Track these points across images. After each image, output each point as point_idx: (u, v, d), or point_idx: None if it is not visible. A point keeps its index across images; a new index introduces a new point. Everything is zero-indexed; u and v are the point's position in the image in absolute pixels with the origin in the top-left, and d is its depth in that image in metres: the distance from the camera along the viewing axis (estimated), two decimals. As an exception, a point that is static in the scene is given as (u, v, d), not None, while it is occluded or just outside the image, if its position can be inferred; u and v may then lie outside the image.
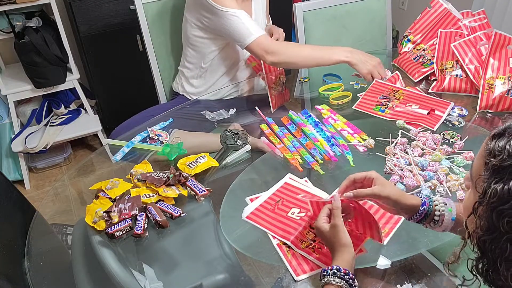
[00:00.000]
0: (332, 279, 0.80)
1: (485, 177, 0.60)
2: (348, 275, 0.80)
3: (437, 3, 1.68)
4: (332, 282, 0.80)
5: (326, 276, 0.81)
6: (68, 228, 1.19)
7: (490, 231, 0.59)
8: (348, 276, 0.80)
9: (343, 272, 0.80)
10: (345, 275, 0.80)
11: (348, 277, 0.80)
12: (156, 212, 1.04)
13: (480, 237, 0.60)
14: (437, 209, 0.88)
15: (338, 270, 0.81)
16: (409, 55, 1.71)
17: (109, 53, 2.42)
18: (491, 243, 0.59)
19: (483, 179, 0.61)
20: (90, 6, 2.26)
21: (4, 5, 2.05)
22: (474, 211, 0.62)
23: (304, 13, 1.84)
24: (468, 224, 0.65)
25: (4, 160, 2.40)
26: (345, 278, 0.80)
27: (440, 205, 0.88)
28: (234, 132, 1.31)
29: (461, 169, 1.14)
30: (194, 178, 1.16)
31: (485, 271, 0.61)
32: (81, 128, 2.47)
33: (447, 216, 0.87)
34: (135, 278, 0.94)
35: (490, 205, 0.58)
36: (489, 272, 0.61)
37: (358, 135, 1.32)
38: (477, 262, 0.63)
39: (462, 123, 1.34)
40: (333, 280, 0.80)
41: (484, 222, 0.59)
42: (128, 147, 1.31)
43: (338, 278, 0.80)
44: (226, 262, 0.99)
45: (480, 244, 0.61)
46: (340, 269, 0.80)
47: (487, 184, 0.59)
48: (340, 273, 0.80)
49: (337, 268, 0.81)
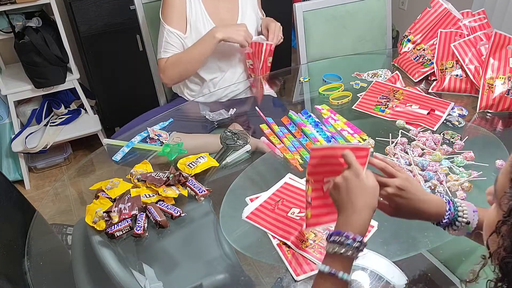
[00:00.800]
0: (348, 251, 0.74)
1: (511, 194, 0.57)
2: (361, 243, 0.74)
3: (437, 3, 1.68)
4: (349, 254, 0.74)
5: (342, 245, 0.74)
6: (68, 228, 1.19)
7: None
8: (361, 243, 0.74)
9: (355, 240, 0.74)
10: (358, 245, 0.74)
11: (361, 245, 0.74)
12: (156, 212, 1.04)
13: (503, 258, 0.57)
14: (459, 220, 0.83)
15: (360, 242, 0.74)
16: (409, 55, 1.71)
17: (109, 53, 2.42)
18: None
19: (508, 197, 0.57)
20: (90, 6, 2.26)
21: (4, 5, 2.05)
22: (497, 230, 0.58)
23: (304, 13, 1.84)
24: (490, 243, 0.61)
25: (4, 160, 2.40)
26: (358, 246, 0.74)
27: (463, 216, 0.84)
28: (234, 132, 1.31)
29: (461, 169, 1.14)
30: (194, 178, 1.16)
31: None
32: (81, 128, 2.47)
33: (462, 231, 0.84)
34: (135, 278, 0.94)
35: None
36: None
37: (358, 135, 1.32)
38: (496, 284, 0.59)
39: (462, 123, 1.34)
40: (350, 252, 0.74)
41: (508, 243, 0.56)
42: (128, 147, 1.31)
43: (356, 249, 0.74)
44: (226, 262, 0.99)
45: (502, 265, 0.57)
46: (362, 241, 0.74)
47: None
48: (361, 246, 0.74)
49: (360, 240, 0.74)
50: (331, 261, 0.75)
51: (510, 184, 0.57)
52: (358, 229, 0.76)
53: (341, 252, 0.74)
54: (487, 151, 1.25)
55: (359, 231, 0.76)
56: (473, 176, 1.11)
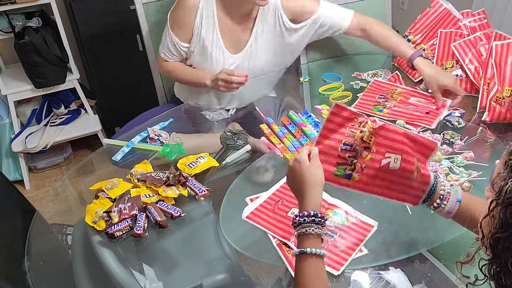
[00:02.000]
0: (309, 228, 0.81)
1: (503, 175, 0.61)
2: (321, 218, 0.82)
3: (437, 3, 1.68)
4: (311, 231, 0.81)
5: (302, 225, 0.82)
6: (68, 228, 1.19)
7: (504, 228, 0.58)
8: (315, 215, 0.81)
9: (320, 216, 0.82)
10: (321, 219, 0.82)
11: (321, 219, 0.82)
12: (156, 212, 1.04)
13: (492, 235, 0.59)
14: (441, 188, 0.88)
15: (315, 216, 0.82)
16: (409, 55, 1.71)
17: (109, 53, 2.42)
18: (504, 241, 0.58)
19: (501, 178, 0.61)
20: (90, 6, 2.26)
21: (4, 5, 2.05)
22: (490, 212, 0.61)
23: (304, 13, 1.83)
24: (484, 226, 0.64)
25: (4, 160, 2.40)
26: (320, 221, 0.81)
27: (446, 185, 0.88)
28: (234, 132, 1.31)
29: (461, 169, 1.14)
30: (194, 178, 1.16)
31: (496, 273, 0.60)
32: (81, 128, 2.47)
33: (453, 196, 0.86)
34: (135, 278, 0.94)
35: (505, 202, 0.58)
36: (501, 275, 0.59)
37: (358, 135, 1.31)
38: (489, 264, 0.62)
39: (462, 123, 1.34)
40: (311, 229, 0.81)
41: (498, 220, 0.59)
42: (128, 147, 1.31)
43: (315, 225, 0.81)
44: (226, 262, 0.99)
45: (492, 243, 0.60)
46: (317, 214, 0.82)
47: (505, 182, 0.59)
48: (318, 219, 0.82)
49: (314, 214, 0.82)
50: (301, 244, 0.82)
51: (505, 167, 0.62)
52: (313, 206, 0.84)
53: (303, 231, 0.81)
54: (487, 151, 1.25)
55: (313, 207, 0.84)
56: (473, 176, 1.11)
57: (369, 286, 0.91)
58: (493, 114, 1.33)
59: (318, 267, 0.79)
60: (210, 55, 1.51)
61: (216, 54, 1.51)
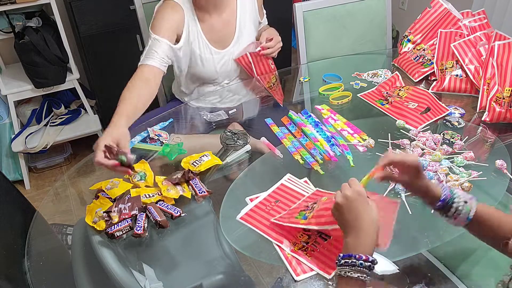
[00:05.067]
0: (349, 272, 0.74)
1: None
2: (373, 263, 0.74)
3: (437, 3, 1.68)
4: (349, 275, 0.74)
5: (354, 267, 0.74)
6: (68, 228, 1.19)
7: None
8: (372, 262, 0.74)
9: (367, 261, 0.74)
10: (369, 265, 0.74)
11: (368, 262, 0.74)
12: (156, 212, 1.04)
13: None
14: (454, 206, 0.85)
15: (372, 262, 0.74)
16: (409, 55, 1.71)
17: (109, 53, 2.42)
18: None
19: None
20: (90, 6, 2.26)
21: (4, 5, 2.05)
22: None
23: (304, 13, 1.84)
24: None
25: (4, 160, 2.40)
26: (367, 267, 0.74)
27: (460, 202, 0.85)
28: (234, 132, 1.31)
29: (461, 169, 1.14)
30: (199, 178, 1.16)
31: None
32: (81, 128, 2.47)
33: (463, 215, 0.85)
34: (135, 278, 0.94)
35: None
36: None
37: (358, 135, 1.32)
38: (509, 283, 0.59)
39: (462, 123, 1.34)
40: (350, 273, 0.74)
41: None
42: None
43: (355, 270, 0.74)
44: (226, 262, 0.99)
45: None
46: (374, 261, 0.74)
47: None
48: (363, 264, 0.74)
49: (372, 260, 0.74)
50: (345, 285, 0.75)
51: None
52: (368, 248, 0.77)
53: (354, 275, 0.74)
54: (487, 151, 1.25)
55: (369, 251, 0.76)
56: (473, 176, 1.11)
57: (369, 286, 0.91)
58: (493, 114, 1.34)
59: None
60: (200, 57, 1.51)
61: (204, 55, 1.52)
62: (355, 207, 0.79)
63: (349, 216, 0.80)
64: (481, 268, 1.04)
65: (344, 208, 0.80)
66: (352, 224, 0.79)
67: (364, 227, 0.78)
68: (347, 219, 0.80)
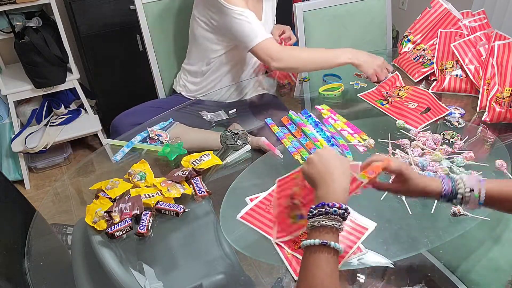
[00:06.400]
0: (322, 220, 0.72)
1: None
2: (346, 210, 0.72)
3: (437, 3, 1.68)
4: (323, 223, 0.72)
5: (325, 216, 0.72)
6: (68, 228, 1.19)
7: None
8: (345, 210, 0.72)
9: (341, 208, 0.72)
10: (342, 213, 0.72)
11: (341, 210, 0.72)
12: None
13: None
14: (459, 197, 0.83)
15: (345, 210, 0.72)
16: (409, 55, 1.71)
17: (109, 53, 2.42)
18: None
19: None
20: (90, 6, 2.26)
21: (4, 5, 2.05)
22: None
23: (304, 13, 1.84)
24: None
25: (4, 160, 2.40)
26: (341, 215, 0.72)
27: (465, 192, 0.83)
28: (234, 132, 1.31)
29: (461, 169, 1.14)
30: (201, 177, 1.16)
31: None
32: (81, 128, 2.47)
33: (472, 202, 0.82)
34: (135, 278, 0.94)
35: None
36: None
37: (358, 135, 1.32)
38: None
39: (462, 123, 1.34)
40: (324, 221, 0.72)
41: None
42: (128, 147, 1.31)
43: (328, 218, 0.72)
44: (226, 262, 0.99)
45: None
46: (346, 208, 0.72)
47: None
48: (337, 211, 0.72)
49: (344, 208, 0.72)
50: (318, 235, 0.72)
51: None
52: (341, 197, 0.75)
53: (327, 224, 0.72)
54: (487, 151, 1.25)
55: (342, 199, 0.75)
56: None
57: (369, 286, 0.91)
58: (493, 114, 1.34)
59: (334, 266, 0.70)
60: None
61: None
62: (326, 159, 0.80)
63: (321, 167, 0.80)
64: (481, 268, 1.04)
65: (315, 161, 0.81)
66: (324, 176, 0.78)
67: (335, 177, 0.77)
68: (318, 171, 0.80)
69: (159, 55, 1.78)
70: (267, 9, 1.62)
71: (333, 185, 0.77)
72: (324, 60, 1.48)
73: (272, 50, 1.44)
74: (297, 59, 1.48)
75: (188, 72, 1.69)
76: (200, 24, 1.53)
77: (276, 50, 1.45)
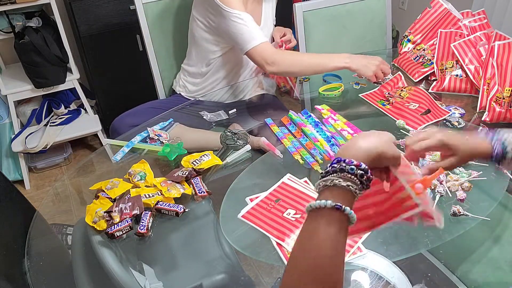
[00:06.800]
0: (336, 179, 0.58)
1: None
2: (365, 172, 0.59)
3: (437, 3, 1.68)
4: (337, 183, 0.58)
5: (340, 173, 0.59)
6: (68, 228, 1.19)
7: None
8: (365, 171, 0.59)
9: (359, 167, 0.59)
10: (361, 174, 0.58)
11: (364, 175, 0.59)
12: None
13: None
14: (509, 155, 0.78)
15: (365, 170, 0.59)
16: (409, 55, 1.71)
17: (109, 53, 2.42)
18: None
19: None
20: (90, 6, 2.26)
21: (4, 5, 2.05)
22: None
23: (304, 13, 1.84)
24: None
25: (4, 160, 2.40)
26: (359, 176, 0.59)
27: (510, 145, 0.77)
28: (234, 132, 1.31)
29: (461, 169, 1.14)
30: (201, 177, 1.16)
31: None
32: (81, 128, 2.47)
33: None
34: (135, 278, 0.94)
35: None
36: None
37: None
38: None
39: (462, 123, 1.34)
40: (337, 180, 0.58)
41: None
42: (128, 147, 1.31)
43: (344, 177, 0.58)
44: (226, 262, 0.99)
45: None
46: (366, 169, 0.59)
47: None
48: (354, 169, 0.58)
49: (364, 168, 0.59)
50: (330, 196, 0.58)
51: None
52: (362, 157, 0.62)
53: (342, 184, 0.58)
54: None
55: (363, 159, 0.61)
56: (473, 176, 1.11)
57: (369, 286, 0.91)
58: (493, 114, 1.34)
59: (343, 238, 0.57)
60: None
61: None
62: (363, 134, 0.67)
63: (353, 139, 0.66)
64: (481, 268, 1.04)
65: None
66: (351, 140, 0.66)
67: (362, 139, 0.64)
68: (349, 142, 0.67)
69: (159, 55, 1.79)
70: (266, 10, 1.62)
71: (356, 141, 0.64)
72: (319, 65, 1.47)
73: (267, 54, 1.43)
74: (292, 64, 1.46)
75: (187, 73, 1.69)
76: (199, 25, 1.53)
77: (271, 54, 1.43)
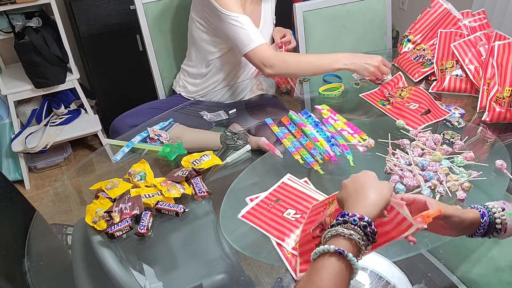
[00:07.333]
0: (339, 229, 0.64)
1: None
2: (368, 224, 0.64)
3: (437, 3, 1.68)
4: (340, 231, 0.64)
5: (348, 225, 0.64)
6: (68, 228, 1.19)
7: None
8: (368, 224, 0.64)
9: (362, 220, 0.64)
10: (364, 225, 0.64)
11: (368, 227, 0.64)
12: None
13: None
14: (496, 217, 0.79)
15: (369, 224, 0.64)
16: (409, 55, 1.71)
17: (109, 53, 2.42)
18: None
19: None
20: (90, 6, 2.26)
21: (4, 5, 2.05)
22: None
23: (304, 13, 1.84)
24: None
25: (4, 160, 2.40)
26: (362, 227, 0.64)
27: (499, 212, 0.79)
28: (234, 132, 1.31)
29: (461, 169, 1.14)
30: (201, 177, 1.16)
31: None
32: (81, 128, 2.47)
33: (510, 222, 0.79)
34: (135, 278, 0.94)
35: None
36: None
37: (358, 135, 1.32)
38: None
39: (462, 123, 1.34)
40: (340, 230, 0.64)
41: None
42: (128, 147, 1.31)
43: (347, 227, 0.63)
44: (226, 262, 0.99)
45: None
46: (372, 224, 0.64)
47: None
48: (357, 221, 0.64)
49: (369, 222, 0.64)
50: (333, 243, 0.65)
51: None
52: (366, 210, 0.67)
53: (344, 233, 0.64)
54: (487, 151, 1.25)
55: (366, 212, 0.67)
56: (473, 176, 1.11)
57: (369, 286, 0.91)
58: (493, 114, 1.34)
59: (345, 282, 0.61)
60: None
61: None
62: (361, 180, 0.73)
63: (354, 186, 0.72)
64: (481, 268, 1.04)
65: (347, 185, 0.74)
66: (355, 193, 0.71)
67: (367, 194, 0.69)
68: (350, 189, 0.72)
69: (159, 55, 1.79)
70: (266, 10, 1.62)
71: (361, 199, 0.70)
72: (318, 66, 1.46)
73: (265, 56, 1.42)
74: (290, 65, 1.46)
75: (187, 73, 1.69)
76: (198, 26, 1.53)
77: (269, 56, 1.43)
